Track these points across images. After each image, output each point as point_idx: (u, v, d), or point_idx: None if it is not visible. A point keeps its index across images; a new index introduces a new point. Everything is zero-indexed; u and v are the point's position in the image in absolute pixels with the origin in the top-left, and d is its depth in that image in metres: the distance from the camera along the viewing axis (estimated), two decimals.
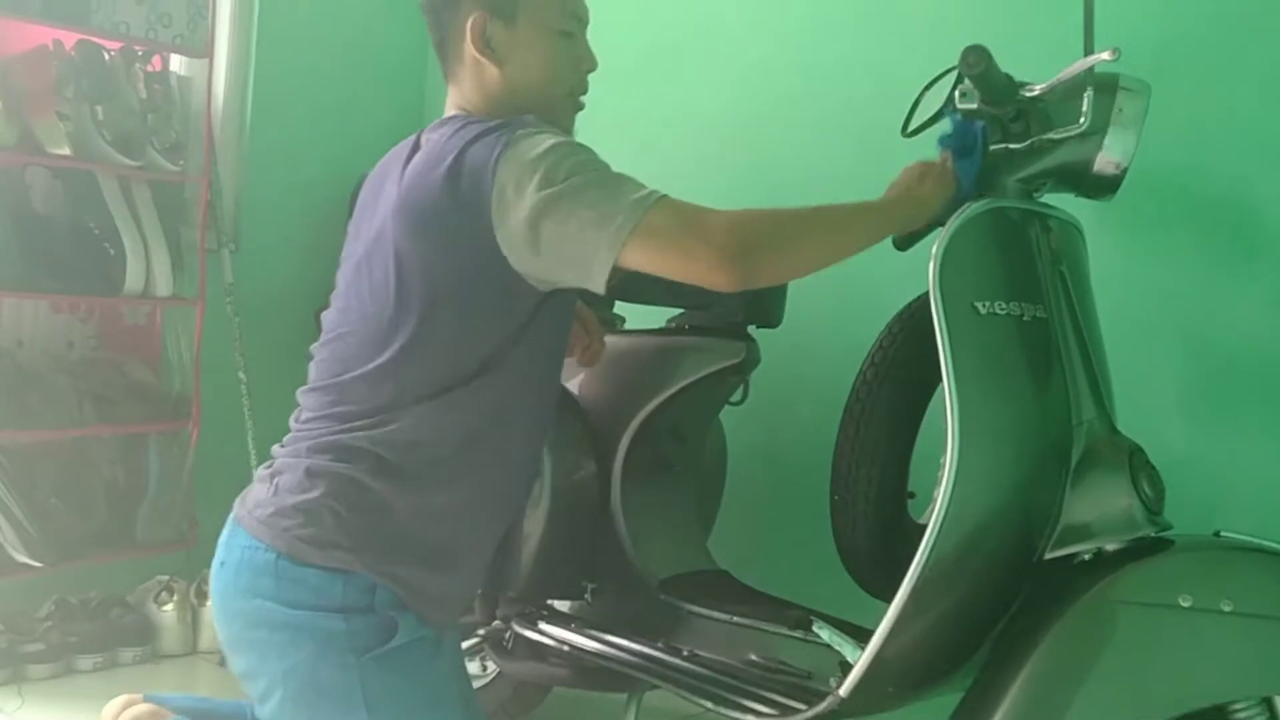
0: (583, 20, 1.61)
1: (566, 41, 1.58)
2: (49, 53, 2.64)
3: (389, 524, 1.38)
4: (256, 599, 1.38)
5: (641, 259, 1.38)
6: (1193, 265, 2.09)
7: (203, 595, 2.70)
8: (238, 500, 1.50)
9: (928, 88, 1.83)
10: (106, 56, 2.70)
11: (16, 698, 2.46)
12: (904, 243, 1.95)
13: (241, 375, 2.89)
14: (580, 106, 1.63)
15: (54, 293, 2.66)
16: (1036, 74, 1.64)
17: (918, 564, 1.53)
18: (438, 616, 1.46)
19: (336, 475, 1.39)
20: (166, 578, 2.78)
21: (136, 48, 2.76)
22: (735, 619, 1.89)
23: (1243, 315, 2.04)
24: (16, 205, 2.61)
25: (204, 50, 2.87)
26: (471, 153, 1.39)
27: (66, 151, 2.61)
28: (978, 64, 1.56)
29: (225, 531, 1.48)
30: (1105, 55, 1.53)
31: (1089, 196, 1.74)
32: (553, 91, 1.58)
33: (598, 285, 1.39)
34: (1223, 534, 1.56)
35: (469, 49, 1.55)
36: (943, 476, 1.53)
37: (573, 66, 1.59)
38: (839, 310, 2.40)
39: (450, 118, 1.56)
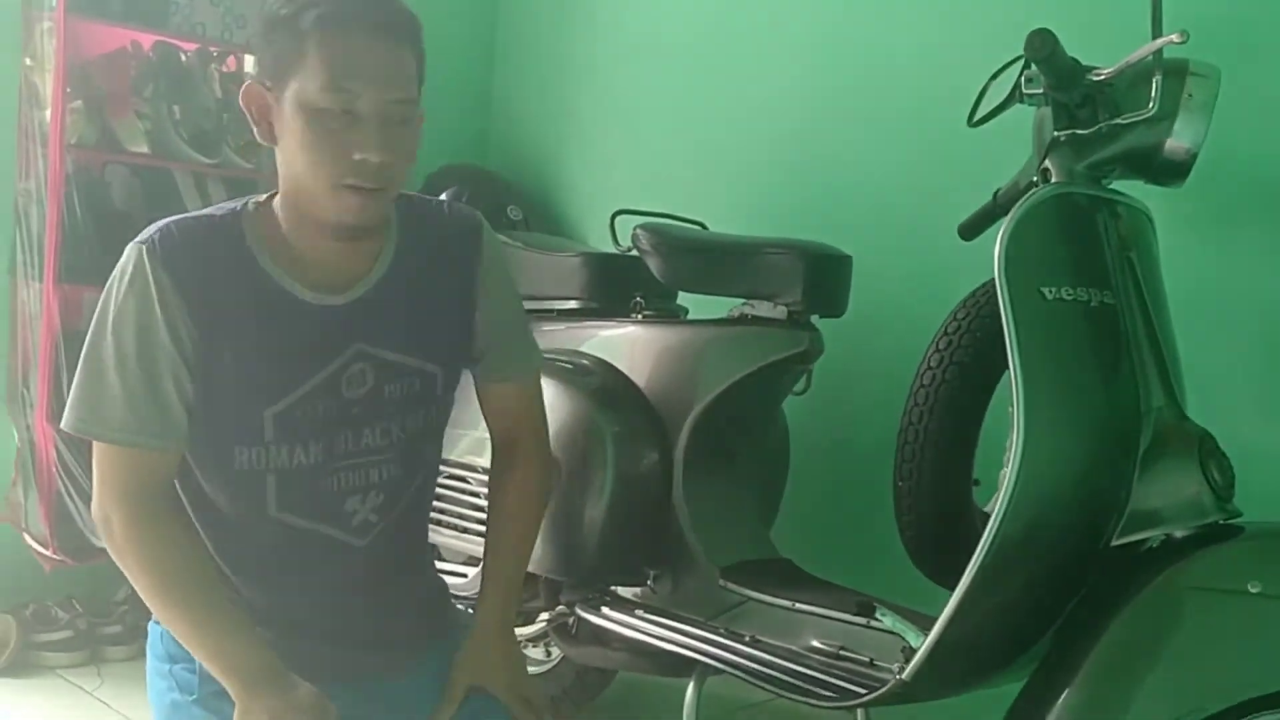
0: (371, 97, 1.29)
1: (339, 123, 1.28)
2: (128, 54, 2.72)
3: None
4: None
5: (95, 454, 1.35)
6: (1265, 254, 2.05)
7: None
8: None
9: (994, 76, 1.83)
10: (183, 58, 2.77)
11: (96, 678, 2.54)
12: (969, 231, 1.96)
13: None
14: (363, 196, 1.32)
15: None
16: (1104, 58, 1.63)
17: (982, 550, 1.53)
18: None
19: None
20: None
21: (212, 49, 2.83)
22: (797, 605, 1.89)
23: None
24: (97, 202, 2.69)
25: None
26: None
27: (145, 149, 2.69)
28: (1043, 48, 1.56)
29: None
30: (1174, 38, 1.52)
31: (1158, 183, 1.73)
32: (317, 183, 1.30)
33: None
34: None
35: None
36: (1008, 462, 1.53)
37: (341, 153, 1.29)
38: (904, 299, 2.40)
39: None
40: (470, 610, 1.61)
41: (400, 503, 1.48)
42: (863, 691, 1.69)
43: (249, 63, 3.01)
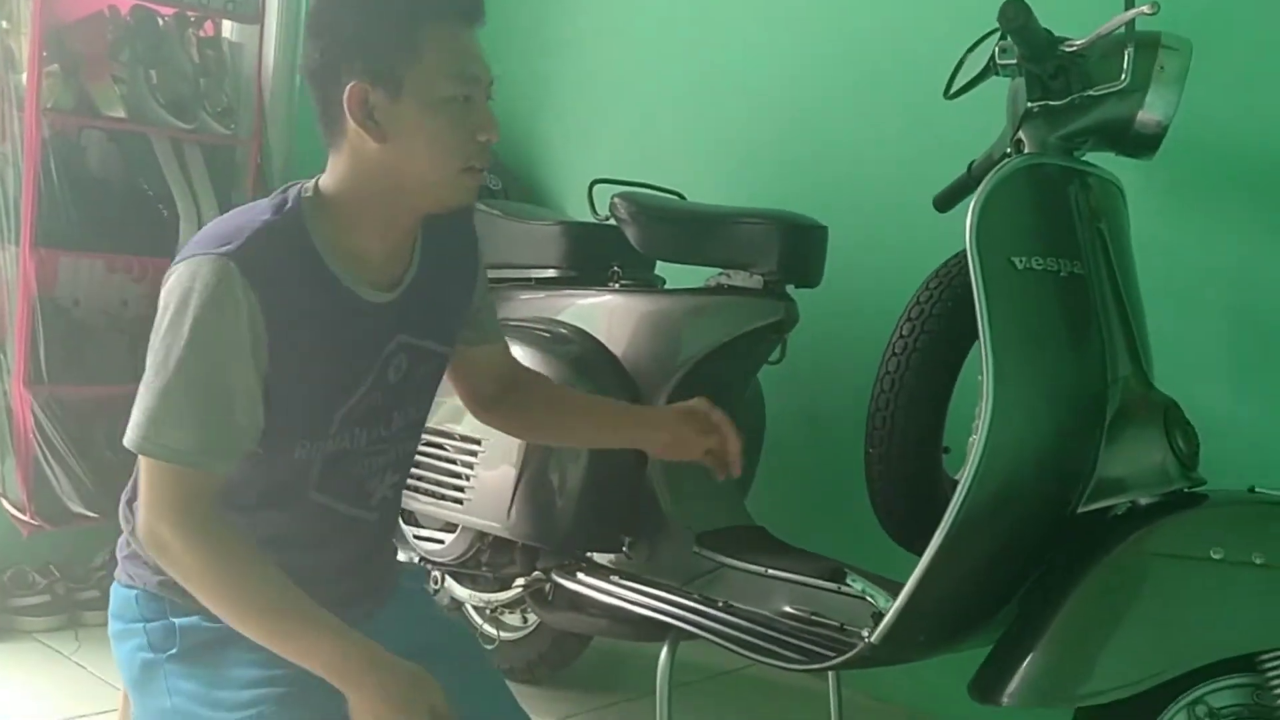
0: (481, 80, 1.37)
1: (461, 109, 1.34)
2: (105, 18, 2.70)
3: None
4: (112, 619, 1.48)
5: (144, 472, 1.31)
6: (1235, 226, 2.08)
7: None
8: None
9: (971, 48, 1.84)
10: (160, 22, 2.75)
11: (74, 642, 2.55)
12: (944, 203, 1.97)
13: None
14: (479, 177, 1.38)
15: (109, 252, 2.73)
16: (1077, 29, 1.64)
17: (950, 515, 1.55)
18: None
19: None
20: None
21: (189, 13, 2.82)
22: (770, 571, 1.92)
23: None
24: (73, 166, 2.68)
25: (255, 16, 2.92)
26: None
27: (121, 114, 2.68)
28: (1016, 18, 1.57)
29: None
30: (1145, 9, 1.53)
31: (1129, 155, 1.75)
32: (443, 172, 1.35)
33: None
34: (1256, 490, 1.57)
35: (349, 121, 1.33)
36: (977, 430, 1.55)
37: (467, 137, 1.35)
38: (878, 269, 2.41)
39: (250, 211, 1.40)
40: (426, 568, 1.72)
41: (405, 476, 1.54)
42: (832, 655, 1.72)
43: (226, 28, 3.00)
